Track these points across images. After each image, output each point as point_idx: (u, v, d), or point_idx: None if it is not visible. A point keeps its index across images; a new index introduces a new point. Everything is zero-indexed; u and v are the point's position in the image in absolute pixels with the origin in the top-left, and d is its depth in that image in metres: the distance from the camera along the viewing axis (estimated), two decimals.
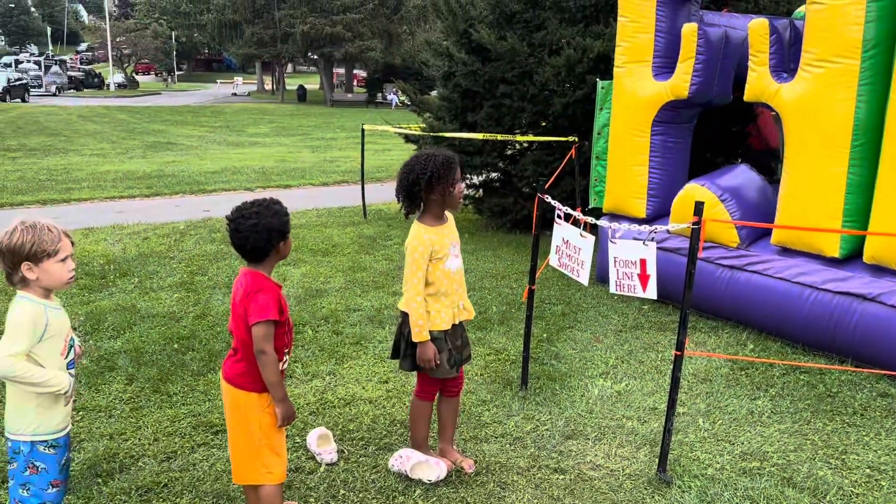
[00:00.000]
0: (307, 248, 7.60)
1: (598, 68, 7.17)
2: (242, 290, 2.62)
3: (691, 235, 3.25)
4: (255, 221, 2.57)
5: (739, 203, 5.31)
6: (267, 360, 2.58)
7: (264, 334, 2.56)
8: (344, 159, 16.99)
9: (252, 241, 2.58)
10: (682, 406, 4.16)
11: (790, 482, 3.39)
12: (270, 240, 2.59)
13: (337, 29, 39.91)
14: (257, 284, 2.61)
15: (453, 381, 3.37)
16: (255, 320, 2.55)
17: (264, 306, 2.56)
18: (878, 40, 4.38)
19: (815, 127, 4.70)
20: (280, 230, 2.61)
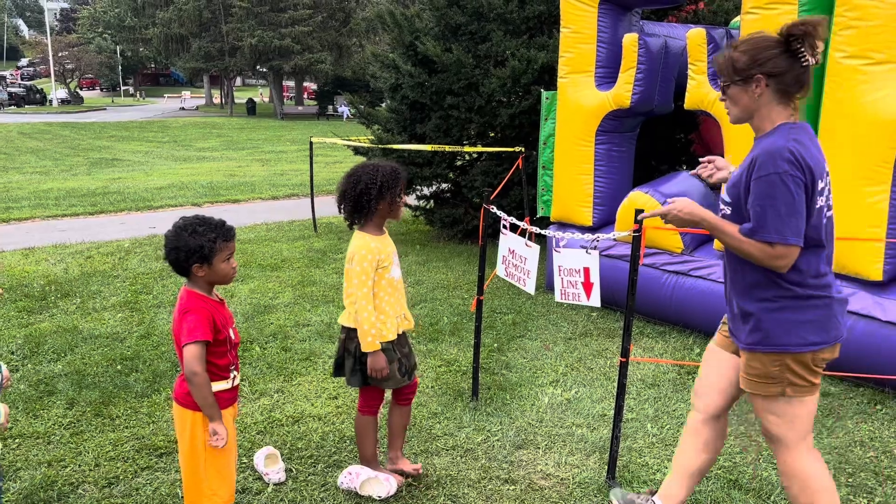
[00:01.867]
0: (255, 264, 7.50)
1: (542, 79, 7.24)
2: (177, 309, 2.62)
3: (632, 243, 3.28)
4: (173, 237, 2.58)
5: None
6: (198, 381, 2.52)
7: (193, 355, 2.51)
8: (294, 172, 16.85)
9: (169, 256, 2.60)
10: (630, 412, 4.19)
11: (736, 484, 3.44)
12: (186, 259, 2.56)
13: (286, 42, 39.68)
14: (188, 304, 2.59)
15: (408, 388, 3.35)
16: (184, 342, 2.52)
17: (193, 327, 2.53)
18: None
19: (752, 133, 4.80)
20: (196, 251, 2.55)
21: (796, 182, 2.29)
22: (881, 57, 4.12)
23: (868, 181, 4.26)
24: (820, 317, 2.42)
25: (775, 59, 2.37)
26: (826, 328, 2.43)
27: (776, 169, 2.30)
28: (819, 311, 2.42)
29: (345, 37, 42.70)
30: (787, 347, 2.43)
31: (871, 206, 4.28)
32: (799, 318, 2.42)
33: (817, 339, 2.41)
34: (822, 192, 2.37)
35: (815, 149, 2.37)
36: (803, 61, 2.35)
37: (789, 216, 2.29)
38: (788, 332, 2.42)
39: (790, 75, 2.37)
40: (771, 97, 2.42)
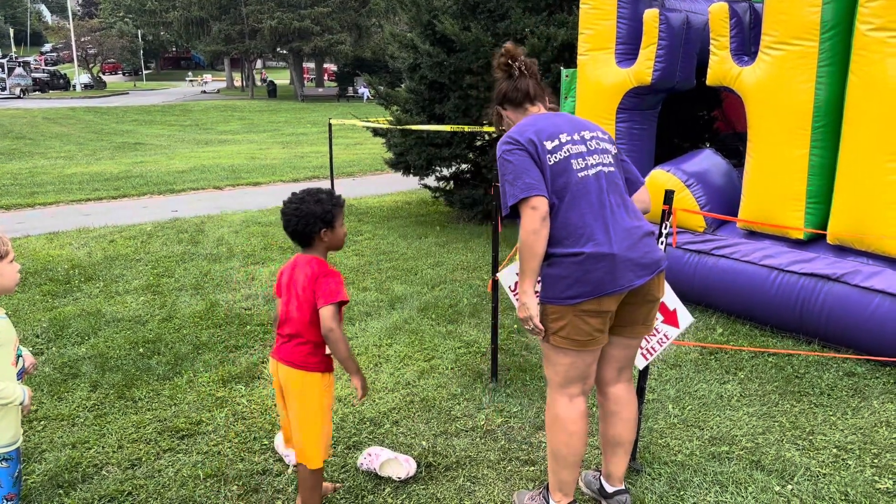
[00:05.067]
0: (276, 246, 7.52)
1: (562, 56, 7.15)
2: (309, 274, 2.71)
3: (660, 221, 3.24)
4: (296, 206, 2.71)
5: (705, 188, 5.33)
6: (335, 337, 2.67)
7: (331, 314, 2.66)
8: (315, 154, 16.87)
9: (293, 225, 2.72)
10: (651, 393, 4.16)
11: (758, 465, 3.40)
12: (310, 224, 2.70)
13: (305, 23, 39.62)
14: (323, 269, 2.73)
15: None
16: (324, 303, 2.66)
17: (333, 289, 2.68)
18: (836, 22, 4.40)
19: (777, 110, 4.72)
20: (321, 217, 2.70)
21: (511, 152, 2.65)
22: None
23: (894, 156, 4.16)
24: (573, 272, 2.61)
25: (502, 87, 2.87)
26: (579, 283, 2.60)
27: (496, 155, 2.74)
28: (573, 266, 2.61)
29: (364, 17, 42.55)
30: (547, 299, 2.69)
31: None
32: (555, 273, 2.65)
33: (572, 293, 2.62)
34: (557, 150, 2.66)
35: (541, 121, 2.72)
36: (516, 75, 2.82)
37: (516, 178, 2.63)
38: (550, 287, 2.68)
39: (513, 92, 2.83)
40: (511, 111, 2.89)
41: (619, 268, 2.61)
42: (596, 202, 2.65)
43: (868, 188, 4.31)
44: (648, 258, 2.67)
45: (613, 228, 2.64)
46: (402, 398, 4.09)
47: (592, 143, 2.76)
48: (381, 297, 5.83)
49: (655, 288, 2.77)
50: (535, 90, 2.84)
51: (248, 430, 3.73)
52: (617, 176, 2.78)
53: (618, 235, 2.63)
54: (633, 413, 2.99)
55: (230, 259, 7.06)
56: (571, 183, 2.65)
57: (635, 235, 2.67)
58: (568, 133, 2.73)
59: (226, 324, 5.25)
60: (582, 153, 2.71)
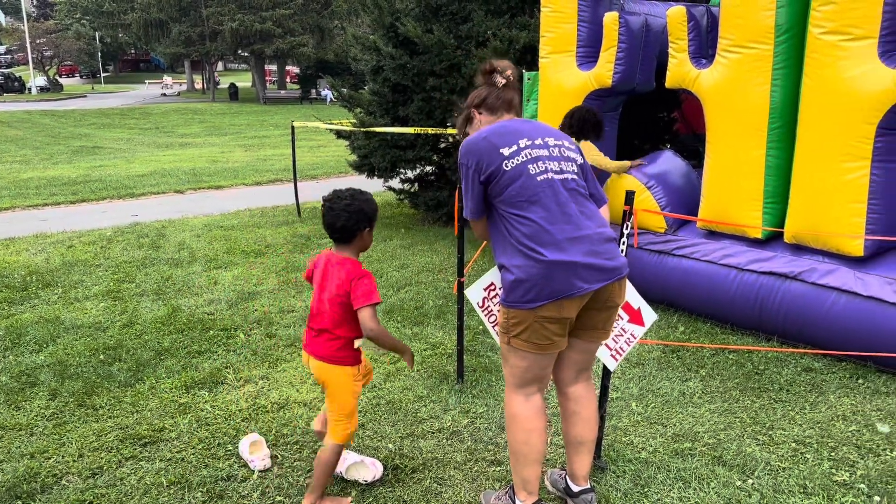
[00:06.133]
0: (239, 250, 7.45)
1: (525, 59, 7.20)
2: (344, 276, 2.86)
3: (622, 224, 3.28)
4: (348, 202, 2.85)
5: (665, 189, 5.40)
6: (379, 334, 2.85)
7: (370, 315, 2.82)
8: (278, 157, 16.74)
9: (343, 220, 2.84)
10: (615, 391, 4.21)
11: (720, 460, 3.46)
12: (359, 221, 2.86)
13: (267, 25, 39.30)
14: (359, 271, 2.88)
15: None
16: (362, 304, 2.81)
17: (369, 291, 2.83)
18: (789, 26, 4.50)
19: (734, 111, 4.81)
20: (368, 216, 2.89)
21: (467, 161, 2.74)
22: (860, 32, 4.11)
23: (849, 157, 4.27)
24: (533, 275, 2.62)
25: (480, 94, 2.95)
26: (536, 287, 2.62)
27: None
28: (532, 270, 2.62)
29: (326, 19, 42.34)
30: (508, 303, 2.72)
31: (852, 182, 4.29)
32: (515, 277, 2.67)
33: (531, 297, 2.63)
34: (514, 155, 2.70)
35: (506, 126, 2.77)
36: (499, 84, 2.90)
37: (466, 198, 2.77)
38: (510, 291, 2.69)
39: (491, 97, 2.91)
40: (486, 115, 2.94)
41: (578, 273, 2.62)
42: (556, 207, 2.66)
43: (822, 188, 4.42)
44: (609, 264, 2.68)
45: (573, 234, 2.65)
46: (369, 401, 4.09)
47: (556, 150, 2.78)
48: None
49: (616, 294, 2.77)
50: (515, 101, 2.93)
51: (211, 436, 3.69)
52: (580, 183, 2.79)
53: (578, 241, 2.65)
54: (593, 412, 3.02)
55: (192, 264, 6.98)
56: (529, 187, 2.67)
57: (596, 241, 2.68)
58: (530, 138, 2.75)
59: (188, 329, 5.19)
60: (542, 157, 2.73)
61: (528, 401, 2.85)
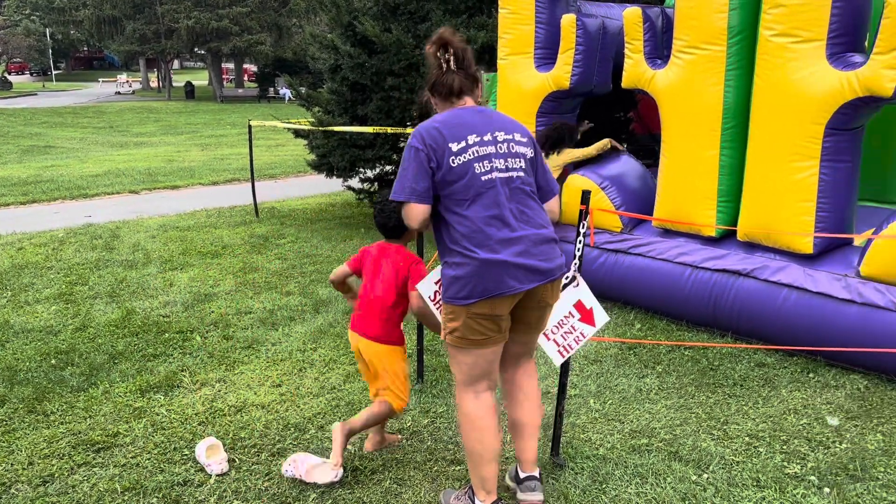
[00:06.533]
0: (195, 251, 7.34)
1: (483, 59, 7.21)
2: (402, 263, 3.25)
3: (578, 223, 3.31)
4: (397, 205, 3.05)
5: (620, 190, 5.47)
6: (426, 312, 3.21)
7: (418, 295, 3.18)
8: (235, 156, 16.54)
9: (395, 221, 3.19)
10: (573, 388, 4.25)
11: (676, 455, 3.52)
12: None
13: (223, 23, 38.79)
14: (414, 257, 3.29)
15: None
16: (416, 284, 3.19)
17: (423, 274, 3.20)
18: (741, 27, 4.59)
19: (688, 111, 4.89)
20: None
21: (413, 148, 2.72)
22: (808, 35, 4.21)
23: (798, 156, 4.37)
24: (467, 273, 2.69)
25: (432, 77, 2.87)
26: (471, 284, 2.69)
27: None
28: (466, 268, 2.69)
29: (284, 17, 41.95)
30: (445, 299, 2.79)
31: (802, 182, 4.39)
32: (451, 274, 2.75)
33: (465, 294, 2.70)
34: (462, 152, 2.70)
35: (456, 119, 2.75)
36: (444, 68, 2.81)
37: (403, 179, 2.74)
38: (447, 287, 2.77)
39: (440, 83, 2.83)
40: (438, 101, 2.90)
41: (510, 272, 2.68)
42: (495, 207, 2.70)
43: (774, 187, 4.51)
44: (543, 265, 2.73)
45: (508, 235, 2.69)
46: (328, 403, 4.06)
47: (505, 146, 2.78)
48: (305, 301, 5.77)
49: (549, 294, 2.83)
50: (461, 85, 2.81)
51: (167, 441, 3.63)
52: (526, 181, 2.80)
53: (512, 242, 2.69)
54: (534, 395, 3.08)
55: (147, 265, 6.86)
56: (473, 186, 2.70)
57: (531, 242, 2.72)
58: (479, 134, 2.75)
59: (143, 332, 5.10)
60: (489, 155, 2.74)
61: (479, 398, 2.88)
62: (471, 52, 2.87)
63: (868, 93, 4.05)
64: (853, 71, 4.10)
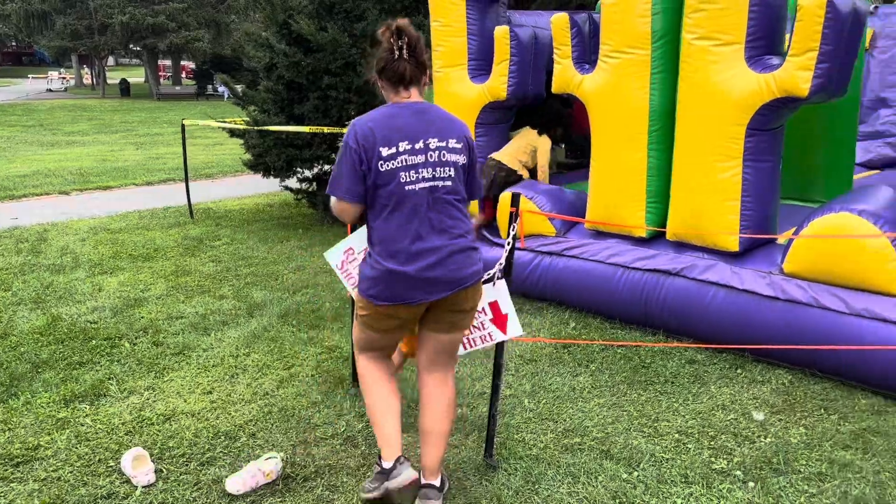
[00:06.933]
0: (126, 254, 7.15)
1: None
2: None
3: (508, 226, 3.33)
4: None
5: (548, 198, 5.52)
6: None
7: None
8: (171, 156, 16.16)
9: None
10: (508, 388, 4.27)
11: (608, 454, 3.57)
12: None
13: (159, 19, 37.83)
14: None
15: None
16: None
17: None
18: (665, 31, 4.68)
19: (616, 115, 4.96)
20: None
21: (348, 145, 2.77)
22: (728, 38, 4.32)
23: (722, 157, 4.48)
24: (375, 276, 2.83)
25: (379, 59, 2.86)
26: (378, 287, 2.84)
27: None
28: (376, 272, 2.83)
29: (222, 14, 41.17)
30: (360, 290, 2.92)
31: (726, 181, 4.50)
32: (365, 271, 2.89)
33: (373, 294, 2.85)
34: (391, 158, 2.75)
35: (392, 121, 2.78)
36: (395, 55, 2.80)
37: (338, 175, 2.81)
38: (362, 280, 2.91)
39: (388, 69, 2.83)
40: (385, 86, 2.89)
41: (415, 285, 2.80)
42: (413, 217, 2.79)
43: (699, 187, 4.62)
44: (453, 275, 2.82)
45: (420, 247, 2.79)
46: (260, 409, 4.00)
47: (436, 154, 2.81)
48: (239, 304, 5.67)
49: (464, 300, 2.92)
50: (411, 74, 2.82)
51: (91, 452, 3.53)
52: (451, 190, 2.85)
53: (421, 255, 2.79)
54: (443, 405, 3.08)
55: (75, 269, 6.66)
56: (396, 194, 2.77)
57: (443, 254, 2.81)
58: (411, 141, 2.77)
59: (69, 339, 4.94)
60: (416, 165, 2.78)
61: (371, 361, 3.11)
62: (423, 41, 2.87)
63: (785, 94, 4.18)
64: (771, 73, 4.21)
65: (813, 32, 4.04)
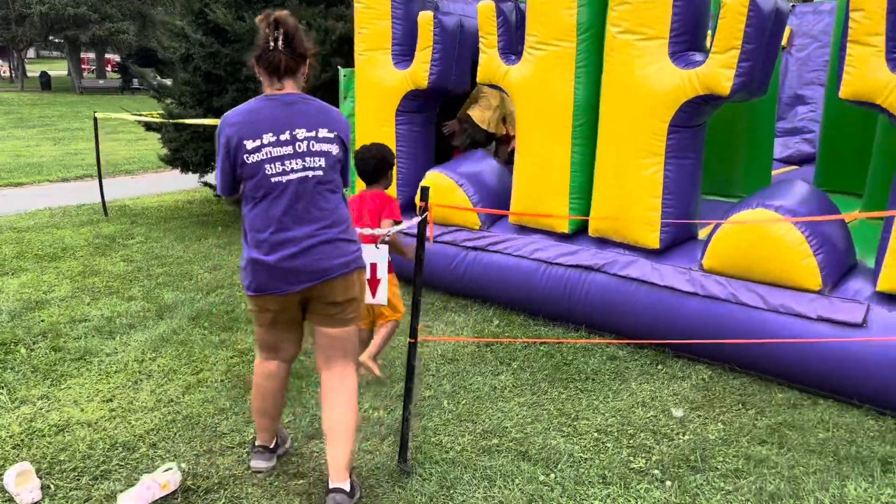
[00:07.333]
0: (31, 254, 6.76)
1: (342, 51, 7.01)
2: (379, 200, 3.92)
3: (419, 223, 3.19)
4: (376, 152, 3.94)
5: (477, 188, 5.42)
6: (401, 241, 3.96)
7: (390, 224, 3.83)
8: (90, 151, 15.51)
9: (373, 166, 3.93)
10: (428, 389, 4.15)
11: (526, 455, 3.47)
12: (385, 167, 3.96)
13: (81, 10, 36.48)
14: (388, 198, 3.96)
15: None
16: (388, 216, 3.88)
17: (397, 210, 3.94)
18: (590, 24, 4.61)
19: (541, 108, 4.88)
20: (389, 162, 3.97)
21: (218, 140, 2.82)
22: (652, 32, 4.27)
23: (644, 153, 4.44)
24: (245, 267, 2.91)
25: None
26: (249, 278, 2.90)
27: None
28: (244, 262, 2.91)
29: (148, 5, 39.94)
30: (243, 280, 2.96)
31: (648, 178, 4.46)
32: (241, 261, 2.95)
33: (246, 283, 2.93)
34: (256, 151, 2.76)
35: (256, 114, 2.80)
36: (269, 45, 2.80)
37: (217, 169, 2.89)
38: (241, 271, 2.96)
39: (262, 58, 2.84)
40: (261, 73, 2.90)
41: (278, 275, 2.83)
42: (279, 208, 2.80)
43: (622, 183, 4.57)
44: (317, 266, 2.84)
45: (283, 237, 2.81)
46: (163, 417, 3.77)
47: (304, 144, 2.81)
48: (148, 305, 5.39)
49: (331, 292, 2.91)
50: (286, 66, 2.81)
51: None
52: (324, 179, 2.86)
53: (284, 244, 2.81)
54: (341, 399, 3.04)
55: None
56: (262, 186, 2.79)
57: (311, 243, 2.82)
58: (276, 133, 2.78)
59: None
60: (282, 157, 2.78)
61: (262, 363, 3.14)
62: (303, 32, 2.85)
63: (707, 91, 4.15)
64: (693, 69, 4.19)
65: (736, 30, 4.02)
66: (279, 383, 3.18)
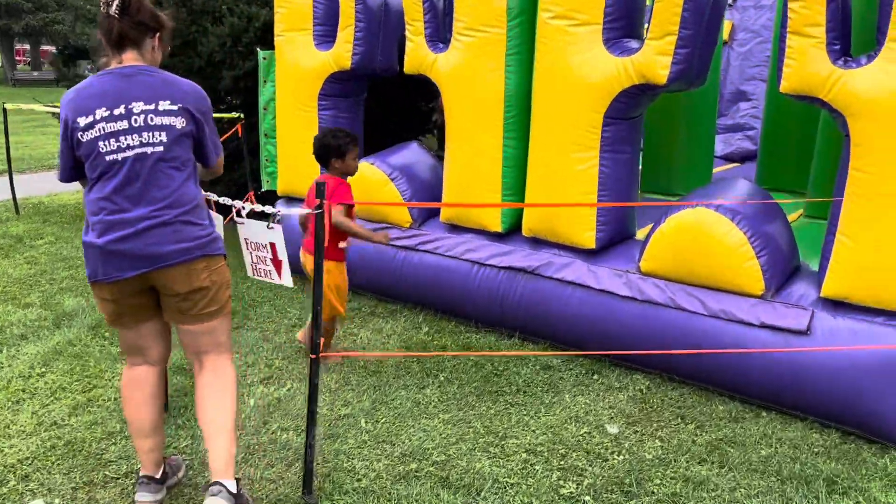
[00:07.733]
0: None
1: (266, 38, 6.57)
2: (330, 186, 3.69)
3: (315, 222, 2.83)
4: (321, 138, 4.05)
5: (410, 181, 5.08)
6: (343, 225, 3.95)
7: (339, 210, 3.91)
8: (17, 145, 14.72)
9: (315, 151, 4.05)
10: (346, 406, 3.80)
11: (446, 482, 3.15)
12: (327, 153, 4.00)
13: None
14: (337, 181, 4.00)
15: None
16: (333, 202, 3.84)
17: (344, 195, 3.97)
18: (521, 9, 4.30)
19: (471, 98, 4.55)
20: (336, 149, 3.97)
21: (60, 122, 2.62)
22: (584, 18, 3.97)
23: (578, 146, 4.14)
24: (85, 253, 2.68)
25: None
26: (88, 266, 2.67)
27: None
28: (83, 246, 2.68)
29: None
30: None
31: (583, 173, 4.17)
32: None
33: (88, 271, 2.68)
34: (89, 128, 2.54)
35: (90, 88, 2.58)
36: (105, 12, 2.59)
37: (60, 155, 2.67)
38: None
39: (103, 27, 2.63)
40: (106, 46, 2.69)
41: (107, 260, 2.59)
42: (114, 187, 2.57)
43: (556, 179, 4.27)
44: (145, 251, 2.57)
45: (114, 217, 2.57)
46: (42, 443, 3.35)
47: (142, 118, 2.57)
48: (45, 313, 4.92)
49: (171, 282, 2.64)
50: (121, 33, 2.60)
51: None
52: (161, 157, 2.60)
53: (115, 226, 2.57)
54: (213, 393, 2.82)
55: None
56: (98, 166, 2.58)
57: (145, 226, 2.57)
58: (109, 108, 2.56)
59: None
60: (116, 133, 2.56)
61: (129, 371, 2.86)
62: (148, 2, 2.60)
63: (643, 80, 3.87)
64: (629, 57, 3.90)
65: (672, 15, 3.75)
66: (150, 391, 2.85)
